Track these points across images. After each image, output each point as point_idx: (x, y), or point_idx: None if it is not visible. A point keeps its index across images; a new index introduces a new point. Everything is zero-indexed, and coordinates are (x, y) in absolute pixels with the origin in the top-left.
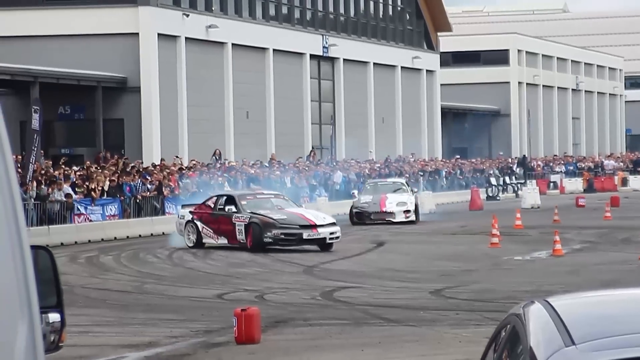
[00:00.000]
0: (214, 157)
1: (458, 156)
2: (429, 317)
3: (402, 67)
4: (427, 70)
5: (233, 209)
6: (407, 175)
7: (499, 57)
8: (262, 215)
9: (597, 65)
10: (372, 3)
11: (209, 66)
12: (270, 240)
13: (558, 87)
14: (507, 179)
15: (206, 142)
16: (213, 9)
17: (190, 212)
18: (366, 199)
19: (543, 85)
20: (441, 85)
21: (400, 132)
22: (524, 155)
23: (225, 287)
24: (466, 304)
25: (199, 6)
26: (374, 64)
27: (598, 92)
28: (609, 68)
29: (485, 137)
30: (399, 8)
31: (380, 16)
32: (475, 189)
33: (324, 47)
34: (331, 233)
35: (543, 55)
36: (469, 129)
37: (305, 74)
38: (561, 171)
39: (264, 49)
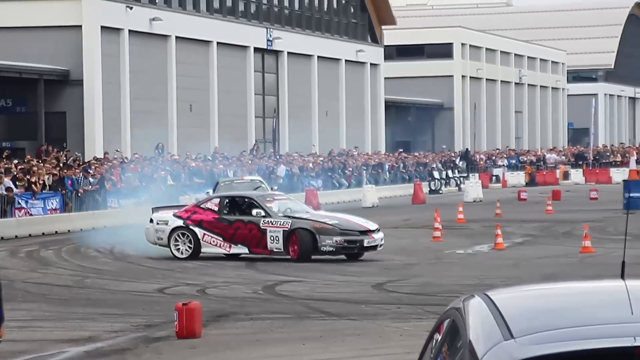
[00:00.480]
0: (156, 151)
1: (401, 150)
2: (371, 311)
3: (346, 61)
4: (371, 64)
5: (262, 213)
6: (351, 169)
7: (443, 51)
8: (312, 219)
9: (540, 59)
10: None
11: (152, 59)
12: (332, 249)
13: (501, 81)
14: (449, 172)
15: (149, 135)
16: (157, 1)
17: (176, 216)
18: None
19: (486, 79)
20: (385, 78)
21: (344, 126)
22: (467, 149)
23: (166, 281)
24: (408, 298)
25: None
26: (318, 57)
27: (541, 86)
28: (552, 62)
29: (429, 131)
30: (343, 1)
31: (325, 9)
32: (418, 182)
33: (268, 40)
34: (381, 239)
35: (486, 49)
36: (412, 123)
37: (249, 67)
38: (503, 165)
39: (207, 42)
